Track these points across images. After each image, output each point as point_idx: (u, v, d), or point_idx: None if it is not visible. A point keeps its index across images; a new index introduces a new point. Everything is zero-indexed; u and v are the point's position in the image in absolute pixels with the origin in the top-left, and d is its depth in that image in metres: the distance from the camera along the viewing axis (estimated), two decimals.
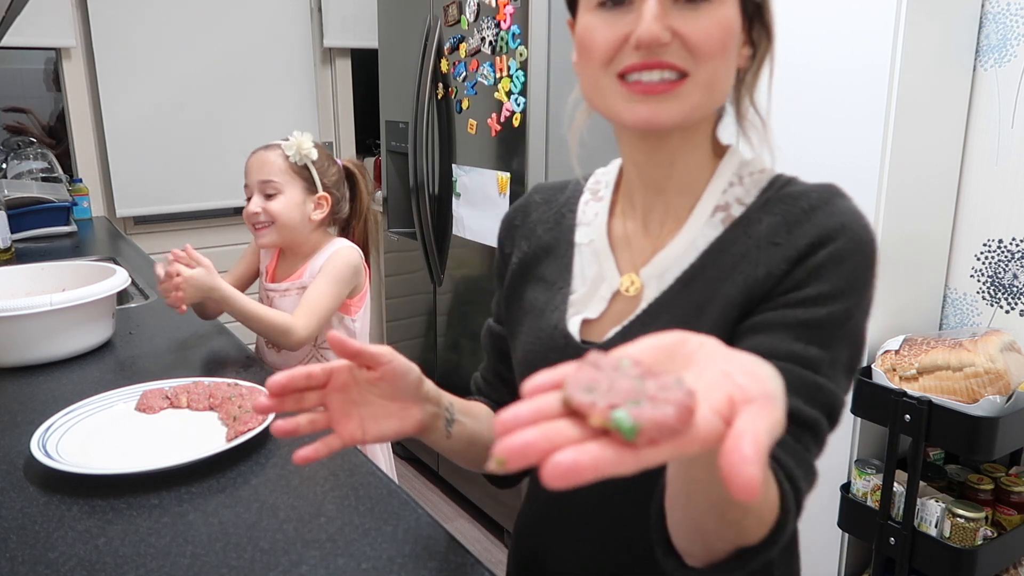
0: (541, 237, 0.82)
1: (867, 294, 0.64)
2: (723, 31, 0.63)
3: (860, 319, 0.64)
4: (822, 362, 0.62)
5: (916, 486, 1.61)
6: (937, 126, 1.74)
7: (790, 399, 0.57)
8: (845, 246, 0.63)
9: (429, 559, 0.78)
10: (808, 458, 0.61)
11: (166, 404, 1.13)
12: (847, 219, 0.65)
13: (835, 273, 0.63)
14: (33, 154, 2.73)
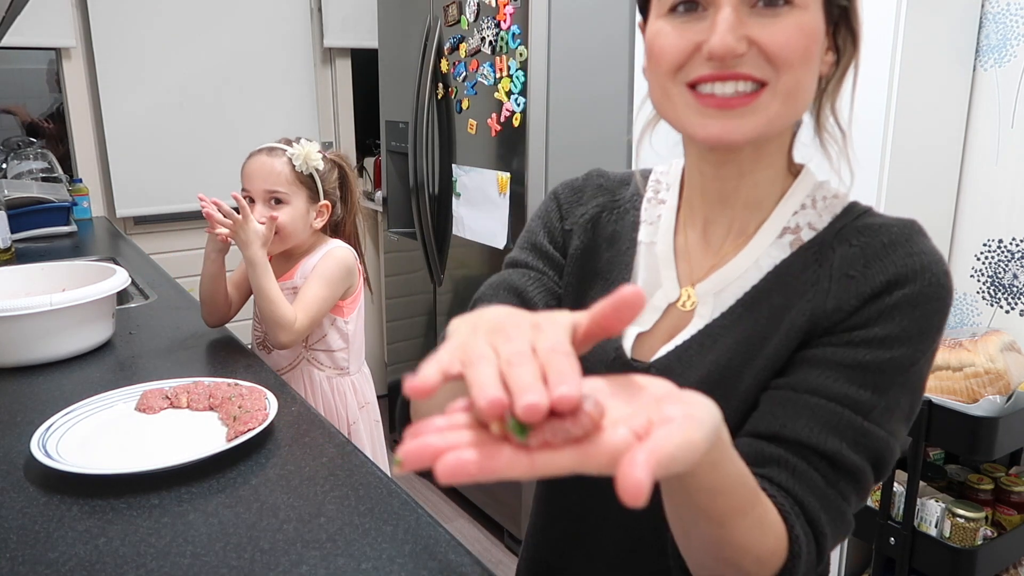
0: (605, 227, 0.78)
1: (936, 341, 0.62)
2: (806, 37, 0.59)
3: (924, 367, 0.61)
4: (874, 408, 0.59)
5: (916, 486, 1.61)
6: (937, 126, 1.74)
7: (833, 442, 0.57)
8: (923, 290, 0.60)
9: (429, 559, 0.78)
10: (841, 505, 0.58)
11: (166, 404, 1.13)
12: (928, 260, 0.61)
13: (908, 316, 0.60)
14: (33, 154, 2.73)
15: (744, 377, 0.64)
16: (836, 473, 0.58)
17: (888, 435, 0.59)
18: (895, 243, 0.63)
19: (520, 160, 2.17)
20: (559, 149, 2.18)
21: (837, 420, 0.57)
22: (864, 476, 0.59)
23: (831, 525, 0.57)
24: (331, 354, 1.56)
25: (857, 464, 0.58)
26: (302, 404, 1.18)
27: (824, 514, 0.57)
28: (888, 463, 0.60)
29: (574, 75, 2.16)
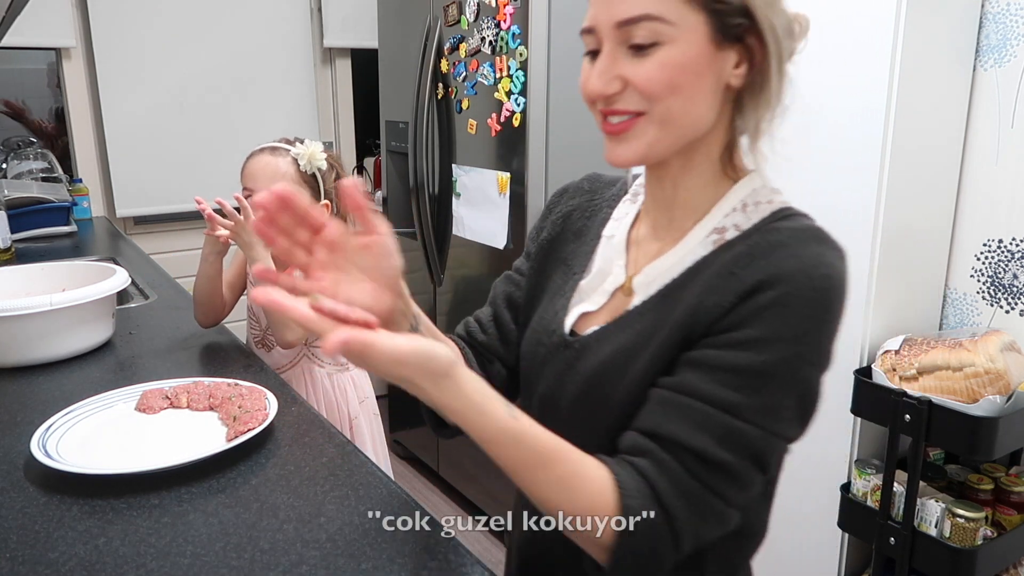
0: (575, 222, 0.85)
1: (819, 343, 0.63)
2: (671, 71, 0.65)
3: (806, 369, 0.63)
4: (747, 408, 0.62)
5: (916, 486, 1.61)
6: (937, 126, 1.74)
7: (700, 439, 0.62)
8: (793, 292, 0.62)
9: (429, 559, 0.78)
10: (706, 497, 0.62)
11: (166, 404, 1.13)
12: (806, 264, 0.63)
13: (778, 318, 0.62)
14: (33, 154, 2.73)
15: (638, 361, 0.69)
16: (704, 468, 0.62)
17: (766, 433, 0.62)
18: (782, 244, 0.65)
19: (520, 160, 2.17)
20: (559, 149, 2.18)
21: (706, 420, 0.62)
22: (737, 471, 0.62)
23: (688, 511, 0.62)
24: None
25: (726, 460, 0.62)
26: (302, 404, 1.18)
27: (679, 501, 0.62)
28: (769, 460, 0.64)
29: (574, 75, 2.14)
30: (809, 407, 0.64)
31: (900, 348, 1.67)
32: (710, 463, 0.62)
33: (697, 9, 0.64)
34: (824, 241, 0.66)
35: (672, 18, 0.64)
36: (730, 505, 0.64)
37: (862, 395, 1.69)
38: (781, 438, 0.64)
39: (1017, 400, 1.52)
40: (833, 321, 0.64)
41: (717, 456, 0.62)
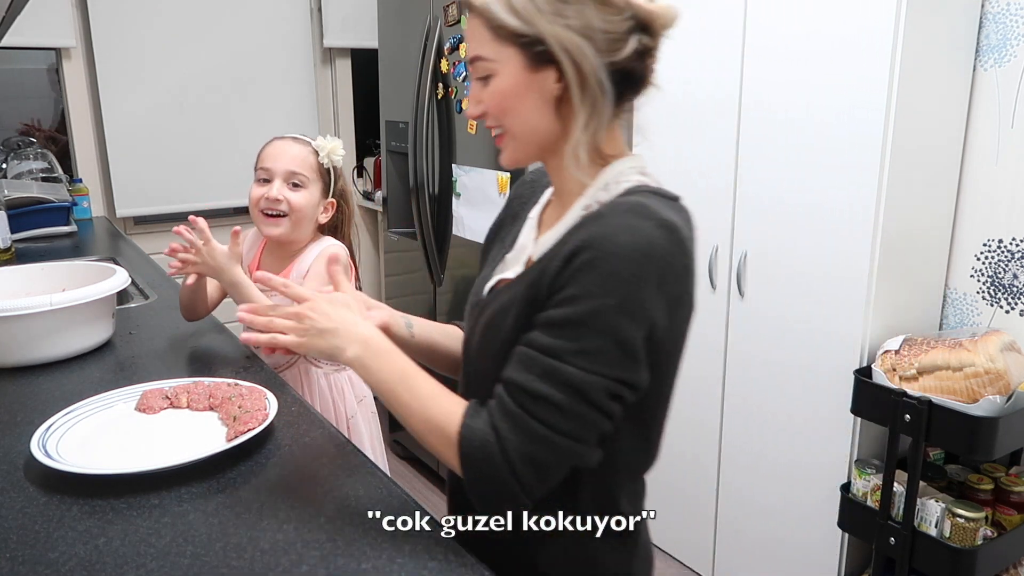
0: (515, 208, 0.99)
1: (625, 298, 0.72)
2: (499, 98, 0.81)
3: (616, 318, 0.73)
4: (566, 351, 0.74)
5: (916, 486, 1.61)
6: (937, 126, 1.74)
7: (524, 376, 0.75)
8: (599, 254, 0.73)
9: (429, 559, 0.78)
10: (529, 422, 0.74)
11: (166, 404, 1.13)
12: (612, 230, 0.74)
13: (587, 276, 0.73)
14: (33, 154, 2.73)
15: (508, 318, 0.82)
16: (528, 398, 0.75)
17: (586, 372, 0.73)
18: (601, 215, 0.77)
19: None
20: None
21: (532, 362, 0.75)
22: (557, 401, 0.74)
23: (514, 433, 0.75)
24: None
25: (546, 392, 0.74)
26: (302, 404, 1.18)
27: (505, 423, 0.75)
28: (595, 396, 0.74)
29: None
30: (618, 349, 0.74)
31: (900, 348, 1.67)
32: (533, 394, 0.74)
33: (508, 45, 0.78)
34: (640, 214, 0.75)
35: (492, 56, 0.79)
36: (561, 434, 0.74)
37: (862, 395, 1.69)
38: (608, 378, 0.74)
39: (1017, 400, 1.52)
40: (641, 280, 0.73)
41: (539, 389, 0.74)
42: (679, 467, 2.30)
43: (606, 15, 0.76)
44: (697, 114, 2.06)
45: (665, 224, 0.74)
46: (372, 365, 0.83)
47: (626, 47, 0.77)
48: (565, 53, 0.76)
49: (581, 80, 0.77)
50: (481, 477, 0.76)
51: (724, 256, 2.05)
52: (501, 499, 0.77)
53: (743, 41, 1.91)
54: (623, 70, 0.78)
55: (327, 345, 0.85)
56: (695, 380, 2.20)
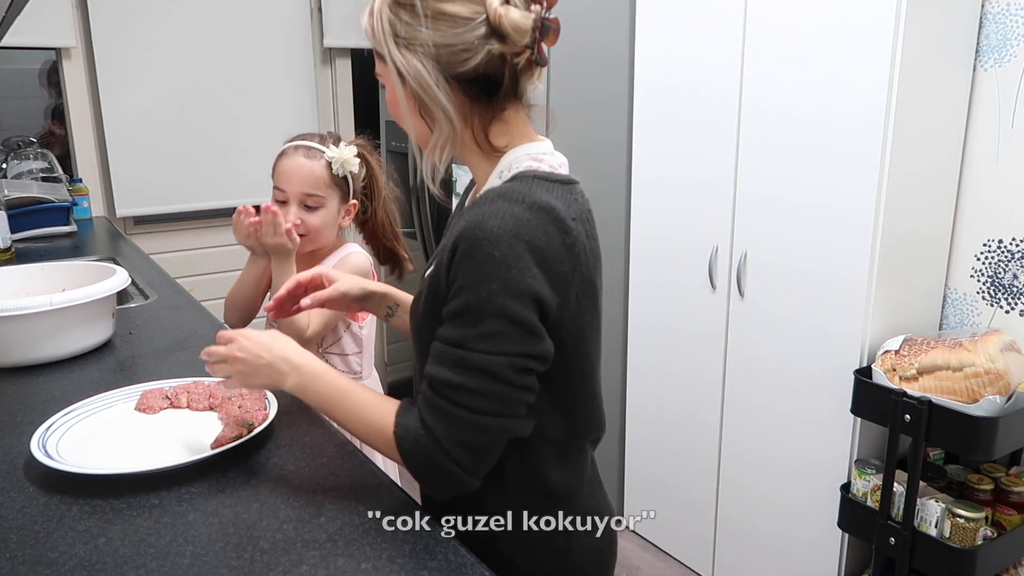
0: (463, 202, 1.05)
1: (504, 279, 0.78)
2: (389, 104, 0.90)
3: (502, 300, 0.78)
4: (469, 339, 0.79)
5: (916, 486, 1.61)
6: (937, 126, 1.74)
7: (439, 370, 0.81)
8: (472, 244, 0.79)
9: (429, 559, 0.78)
10: (449, 408, 0.80)
11: (166, 404, 1.13)
12: (481, 218, 0.79)
13: (467, 265, 0.79)
14: (33, 154, 2.72)
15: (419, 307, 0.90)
16: (447, 389, 0.81)
17: (490, 355, 0.79)
18: (475, 205, 0.83)
19: None
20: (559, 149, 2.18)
21: (444, 355, 0.81)
22: (473, 387, 0.80)
23: (440, 423, 0.81)
24: (345, 358, 1.57)
25: (460, 381, 0.80)
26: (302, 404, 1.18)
27: (432, 416, 0.81)
28: (504, 370, 0.79)
29: (574, 75, 2.16)
30: (527, 327, 0.80)
31: (900, 348, 1.67)
32: (450, 385, 0.80)
33: (384, 62, 0.86)
34: (509, 198, 0.81)
35: (380, 71, 0.88)
36: (485, 414, 0.80)
37: (862, 395, 1.69)
38: (512, 355, 0.79)
39: (1017, 400, 1.52)
40: (516, 260, 0.78)
41: (453, 379, 0.80)
42: (679, 467, 2.30)
43: (450, 30, 0.81)
44: (697, 114, 2.06)
45: (536, 205, 0.80)
46: (310, 388, 0.90)
47: (476, 57, 0.82)
48: (398, 73, 0.83)
49: (416, 97, 0.84)
50: (423, 468, 0.82)
51: (724, 256, 2.05)
52: (448, 484, 0.83)
53: (743, 41, 1.91)
54: (479, 78, 0.84)
55: (266, 381, 0.92)
56: (695, 380, 2.20)
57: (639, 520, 2.49)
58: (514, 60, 0.84)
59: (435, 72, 0.82)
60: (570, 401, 0.91)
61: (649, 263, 2.30)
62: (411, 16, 0.82)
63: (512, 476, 0.90)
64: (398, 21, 0.82)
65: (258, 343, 0.92)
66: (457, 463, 0.81)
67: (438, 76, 0.82)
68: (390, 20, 0.82)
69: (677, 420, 2.28)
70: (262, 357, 0.90)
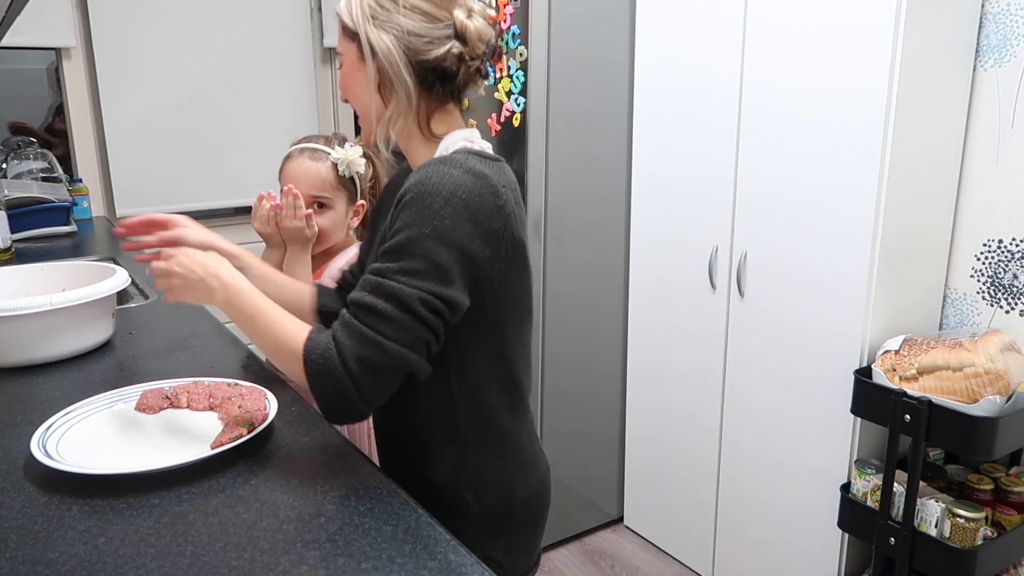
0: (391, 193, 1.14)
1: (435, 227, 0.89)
2: (343, 81, 1.03)
3: (429, 243, 0.89)
4: (391, 271, 0.90)
5: (916, 486, 1.61)
6: (937, 126, 1.74)
7: (358, 293, 0.91)
8: (414, 195, 0.90)
9: (429, 559, 0.78)
10: (360, 328, 0.89)
11: (166, 404, 1.13)
12: (425, 176, 0.91)
13: (407, 211, 0.90)
14: (33, 154, 2.72)
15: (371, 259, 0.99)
16: (359, 310, 0.90)
17: (405, 286, 0.89)
18: (420, 169, 0.93)
19: (520, 160, 2.17)
20: (559, 149, 2.18)
21: (366, 282, 0.91)
22: (382, 310, 0.89)
23: (347, 337, 0.89)
24: None
25: (373, 303, 0.89)
26: (302, 404, 1.18)
27: (342, 332, 0.90)
28: (414, 302, 0.89)
29: (574, 75, 2.16)
30: (444, 272, 0.90)
31: (900, 348, 1.67)
32: (364, 306, 0.90)
33: (348, 40, 1.00)
34: (449, 163, 0.92)
35: (341, 48, 1.02)
36: (388, 338, 0.89)
37: (862, 395, 1.69)
38: (424, 291, 0.89)
39: (1017, 400, 1.52)
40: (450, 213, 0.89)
41: (369, 301, 0.89)
42: (679, 466, 2.30)
43: (423, 22, 0.96)
44: (697, 114, 2.06)
45: (472, 171, 0.92)
46: (233, 303, 0.99)
47: (439, 49, 0.97)
48: (372, 49, 0.96)
49: (383, 72, 0.97)
50: (323, 381, 0.89)
51: (724, 256, 2.05)
52: (341, 401, 0.90)
53: (743, 41, 1.91)
54: (436, 68, 0.98)
55: (199, 296, 1.02)
56: (695, 379, 2.20)
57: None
58: (469, 62, 0.99)
59: (403, 53, 0.96)
60: (506, 349, 1.02)
61: (649, 263, 2.30)
62: (390, 3, 0.96)
63: (465, 427, 1.02)
64: (377, 6, 0.96)
65: (194, 260, 1.01)
66: (353, 379, 0.88)
67: (405, 57, 0.96)
68: (369, 3, 0.96)
69: (677, 419, 2.29)
70: (196, 272, 1.00)
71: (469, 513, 1.03)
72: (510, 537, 1.08)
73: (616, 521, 2.60)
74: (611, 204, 2.33)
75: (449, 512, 1.01)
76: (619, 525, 2.59)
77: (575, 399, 2.40)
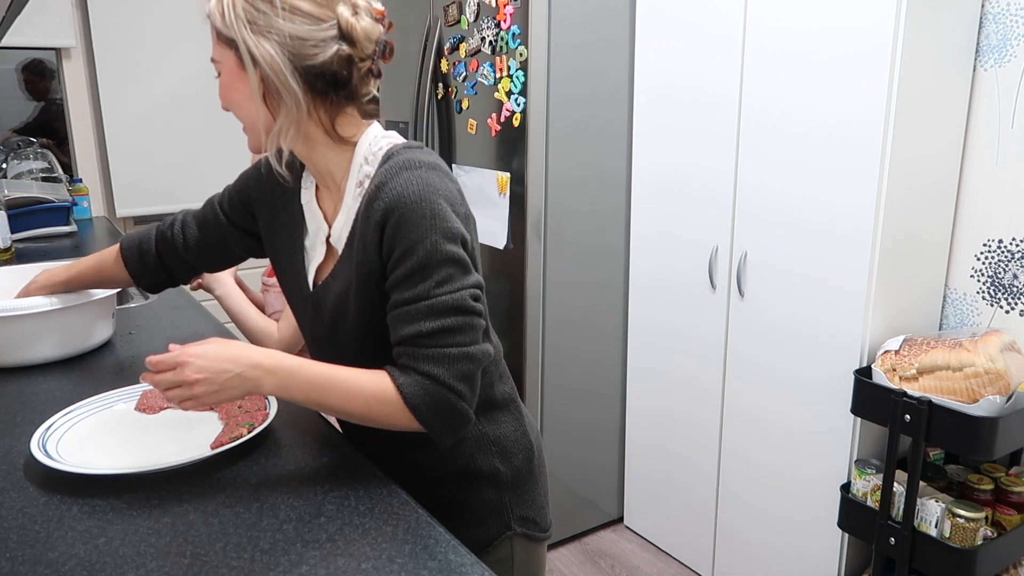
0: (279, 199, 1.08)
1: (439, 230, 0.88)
2: (223, 91, 0.95)
3: (444, 247, 0.89)
4: (430, 289, 0.89)
5: (916, 486, 1.61)
6: (937, 126, 1.74)
7: (414, 327, 0.89)
8: (403, 212, 0.88)
9: (429, 559, 0.78)
10: (444, 352, 0.89)
11: (166, 404, 1.13)
12: (400, 190, 0.89)
13: (404, 231, 0.88)
14: (33, 154, 2.73)
15: (351, 300, 0.96)
16: (429, 339, 0.89)
17: (450, 294, 0.89)
18: (384, 183, 0.91)
19: (520, 160, 2.17)
20: (559, 149, 2.18)
21: (411, 314, 0.89)
22: (450, 326, 0.89)
23: (439, 366, 0.89)
24: None
25: (438, 324, 0.89)
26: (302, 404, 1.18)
27: (428, 364, 0.89)
28: (468, 302, 0.90)
29: (574, 75, 2.16)
30: (464, 264, 0.91)
31: (900, 348, 1.67)
32: (430, 334, 0.89)
33: (224, 46, 0.91)
34: (409, 167, 0.90)
35: (217, 56, 0.93)
36: (468, 345, 0.90)
37: (862, 395, 1.69)
38: (465, 288, 0.90)
39: (1017, 400, 1.52)
40: (441, 211, 0.89)
41: (432, 327, 0.89)
42: (679, 466, 2.30)
43: (304, 24, 0.88)
44: (697, 114, 2.06)
45: (428, 165, 0.92)
46: (293, 386, 0.89)
47: (325, 53, 0.89)
48: (252, 57, 0.88)
49: (267, 81, 0.89)
50: (436, 414, 0.89)
51: (724, 256, 2.05)
52: (458, 422, 0.91)
53: (743, 41, 1.91)
54: (325, 73, 0.90)
55: (239, 393, 0.88)
56: (695, 379, 2.20)
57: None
58: (359, 63, 0.93)
59: (287, 60, 0.88)
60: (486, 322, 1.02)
61: (649, 263, 2.30)
62: (268, 6, 0.87)
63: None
64: (253, 9, 0.87)
65: (218, 358, 0.86)
66: (461, 397, 0.90)
67: (290, 64, 0.88)
68: (244, 7, 0.87)
69: (677, 418, 2.29)
70: (229, 371, 0.86)
71: (501, 479, 1.07)
72: (536, 492, 1.12)
73: (616, 521, 2.60)
74: (611, 204, 2.33)
75: (485, 485, 1.05)
76: (619, 525, 2.59)
77: (575, 399, 2.41)
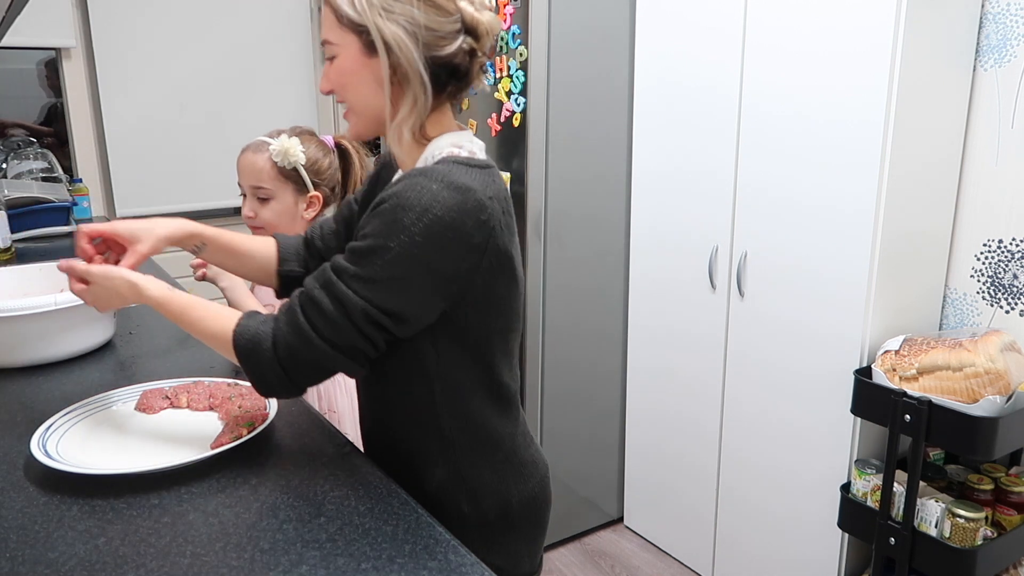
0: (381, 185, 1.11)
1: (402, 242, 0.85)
2: (337, 75, 0.94)
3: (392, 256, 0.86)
4: (348, 273, 0.88)
5: (916, 486, 1.61)
6: (937, 126, 1.74)
7: (311, 282, 0.90)
8: (389, 206, 0.87)
9: (429, 559, 0.78)
10: (297, 315, 0.89)
11: (166, 404, 1.13)
12: (403, 188, 0.87)
13: (380, 220, 0.87)
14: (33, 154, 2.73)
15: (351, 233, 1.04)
16: (306, 299, 0.90)
17: (353, 293, 0.87)
18: (401, 179, 0.90)
19: (520, 160, 2.17)
20: (559, 149, 2.18)
21: (322, 274, 0.90)
22: (324, 307, 0.88)
23: (286, 323, 0.90)
24: None
25: (319, 297, 0.88)
26: (302, 404, 1.18)
27: (284, 315, 0.91)
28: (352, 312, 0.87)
29: (574, 75, 2.16)
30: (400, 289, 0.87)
31: (900, 348, 1.67)
32: (310, 298, 0.89)
33: (349, 31, 0.91)
34: (429, 176, 0.87)
35: (336, 40, 0.92)
36: (317, 334, 0.88)
37: (862, 395, 1.69)
38: (372, 304, 0.87)
39: (1017, 400, 1.52)
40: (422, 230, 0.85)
41: (315, 295, 0.88)
42: (679, 466, 2.30)
43: (435, 16, 0.89)
44: (697, 113, 2.06)
45: (453, 184, 0.87)
46: (164, 296, 0.99)
47: (451, 45, 0.91)
48: (386, 45, 0.89)
49: (399, 69, 0.90)
50: (251, 356, 0.91)
51: (724, 256, 2.05)
52: (272, 380, 0.90)
53: (743, 40, 1.91)
54: (447, 64, 0.91)
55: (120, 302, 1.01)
56: (695, 379, 2.20)
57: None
58: (480, 58, 0.94)
59: (419, 49, 0.90)
60: (491, 357, 0.98)
61: (649, 262, 2.30)
62: None
63: (452, 436, 0.98)
64: None
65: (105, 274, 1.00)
66: (279, 363, 0.89)
67: (421, 54, 0.90)
68: None
69: (677, 418, 2.28)
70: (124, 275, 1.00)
71: (466, 521, 0.99)
72: (510, 542, 1.05)
73: (616, 521, 2.60)
74: (611, 203, 2.33)
75: (446, 521, 0.96)
76: (619, 525, 2.59)
77: (575, 399, 2.41)
